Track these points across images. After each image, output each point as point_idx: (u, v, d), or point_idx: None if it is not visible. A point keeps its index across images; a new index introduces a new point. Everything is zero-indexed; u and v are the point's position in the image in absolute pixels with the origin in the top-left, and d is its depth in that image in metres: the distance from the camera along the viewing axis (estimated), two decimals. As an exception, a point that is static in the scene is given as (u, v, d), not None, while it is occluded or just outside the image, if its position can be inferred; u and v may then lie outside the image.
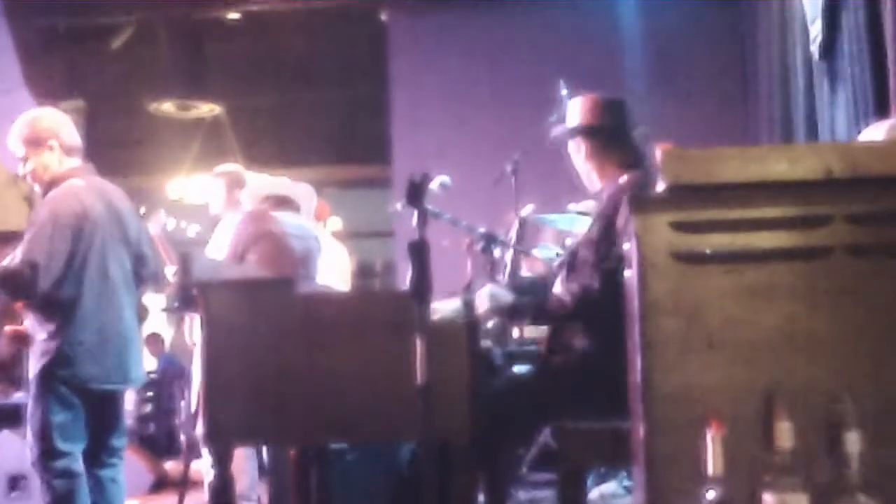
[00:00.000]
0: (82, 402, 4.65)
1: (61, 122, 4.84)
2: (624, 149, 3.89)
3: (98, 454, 4.78)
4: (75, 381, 4.60)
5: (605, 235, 3.66)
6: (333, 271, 6.35)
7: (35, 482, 5.12)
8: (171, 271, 5.58)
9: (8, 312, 5.44)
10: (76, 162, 4.78)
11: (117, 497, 4.85)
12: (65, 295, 4.57)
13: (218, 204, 6.08)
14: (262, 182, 5.81)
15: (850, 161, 2.32)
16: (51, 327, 4.59)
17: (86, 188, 4.71)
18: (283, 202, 5.56)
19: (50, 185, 4.70)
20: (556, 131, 3.99)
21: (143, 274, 4.94)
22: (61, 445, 4.58)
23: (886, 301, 2.29)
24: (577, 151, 3.92)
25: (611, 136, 3.88)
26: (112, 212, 4.77)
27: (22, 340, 4.87)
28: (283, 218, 5.41)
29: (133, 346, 4.86)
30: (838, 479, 2.18)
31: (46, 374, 4.59)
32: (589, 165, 3.90)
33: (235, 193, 5.94)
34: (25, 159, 4.73)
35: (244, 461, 5.52)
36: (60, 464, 4.57)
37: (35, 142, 4.70)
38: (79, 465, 4.63)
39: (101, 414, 4.77)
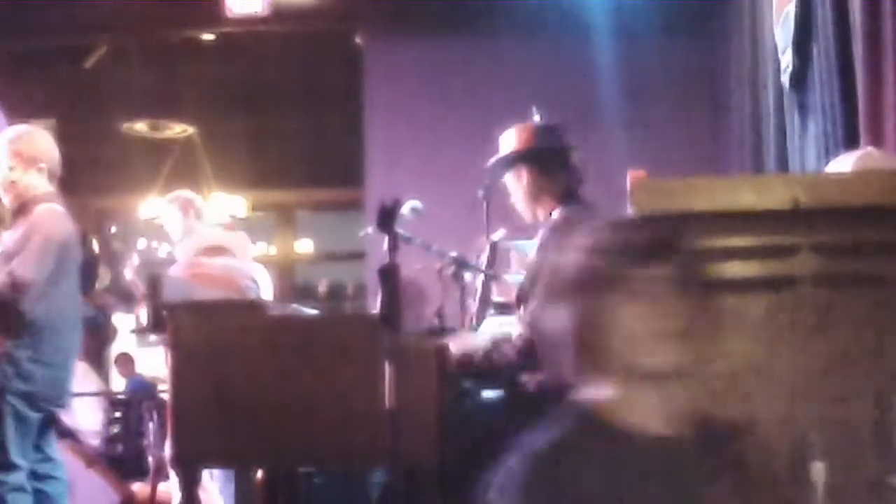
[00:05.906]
0: (35, 418, 4.62)
1: (53, 148, 4.88)
2: (562, 173, 3.93)
3: (40, 468, 4.74)
4: (31, 398, 4.57)
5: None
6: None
7: None
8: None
9: None
10: (52, 187, 4.81)
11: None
12: (37, 313, 4.58)
13: (177, 230, 6.11)
14: (197, 237, 5.82)
15: (817, 192, 2.34)
16: (16, 342, 4.57)
17: (65, 214, 4.76)
18: (219, 252, 5.57)
19: (25, 205, 4.71)
20: (493, 162, 4.02)
21: None
22: (17, 459, 4.55)
23: (851, 331, 2.30)
24: (518, 180, 3.95)
25: (550, 158, 3.93)
26: (75, 239, 4.82)
27: None
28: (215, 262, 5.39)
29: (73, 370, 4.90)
30: (803, 508, 2.20)
31: (4, 389, 4.54)
32: (527, 195, 3.95)
33: (191, 217, 6.01)
34: (10, 170, 4.71)
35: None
36: (14, 478, 4.54)
37: (28, 159, 4.72)
38: (27, 484, 4.60)
39: (45, 431, 4.75)
